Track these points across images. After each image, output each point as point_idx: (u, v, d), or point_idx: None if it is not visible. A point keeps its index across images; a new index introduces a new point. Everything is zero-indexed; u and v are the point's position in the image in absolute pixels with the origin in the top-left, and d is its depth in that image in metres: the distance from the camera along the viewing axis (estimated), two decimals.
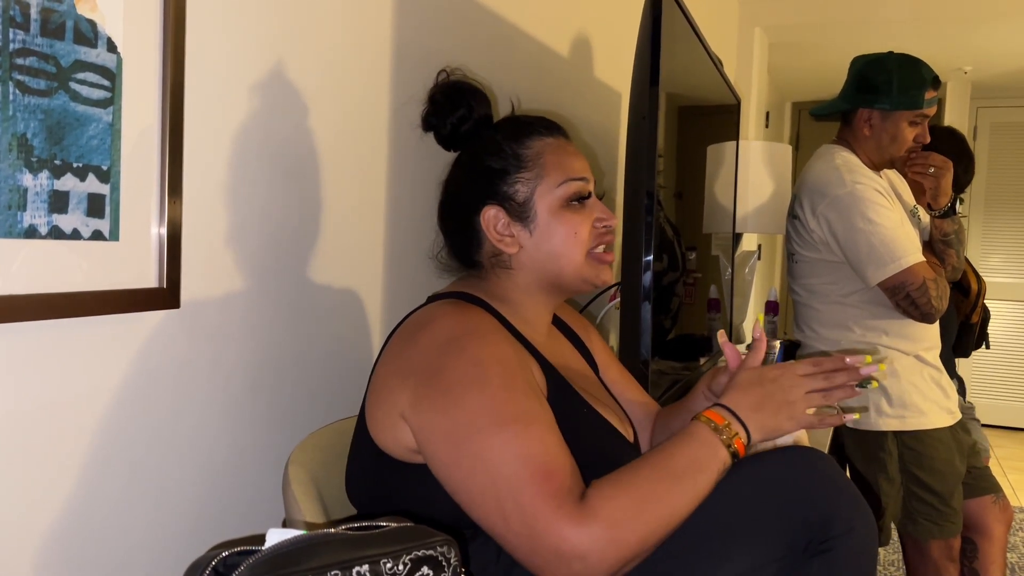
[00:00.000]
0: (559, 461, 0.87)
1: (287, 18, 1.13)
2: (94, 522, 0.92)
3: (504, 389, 0.90)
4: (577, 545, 0.82)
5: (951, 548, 2.04)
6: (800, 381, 1.00)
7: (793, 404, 0.98)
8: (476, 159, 1.09)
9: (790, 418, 0.98)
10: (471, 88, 1.11)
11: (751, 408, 0.97)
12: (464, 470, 0.87)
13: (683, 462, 0.91)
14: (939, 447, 2.02)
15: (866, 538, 0.93)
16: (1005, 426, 5.72)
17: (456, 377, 0.91)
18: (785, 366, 1.01)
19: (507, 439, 0.87)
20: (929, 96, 2.03)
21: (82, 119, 0.85)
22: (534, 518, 0.83)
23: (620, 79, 2.44)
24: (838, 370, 1.01)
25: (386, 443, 0.96)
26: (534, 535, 0.83)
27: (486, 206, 1.06)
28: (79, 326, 0.88)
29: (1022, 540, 3.59)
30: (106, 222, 0.88)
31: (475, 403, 0.89)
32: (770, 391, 0.99)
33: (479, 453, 0.87)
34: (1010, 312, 5.67)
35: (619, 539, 0.83)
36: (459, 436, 0.88)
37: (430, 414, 0.91)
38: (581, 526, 0.82)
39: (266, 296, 1.13)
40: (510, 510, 0.84)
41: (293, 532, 0.67)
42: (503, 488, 0.85)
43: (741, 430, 0.95)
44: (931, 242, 2.12)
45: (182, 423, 1.02)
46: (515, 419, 0.88)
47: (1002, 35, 4.25)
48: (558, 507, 0.83)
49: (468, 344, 0.93)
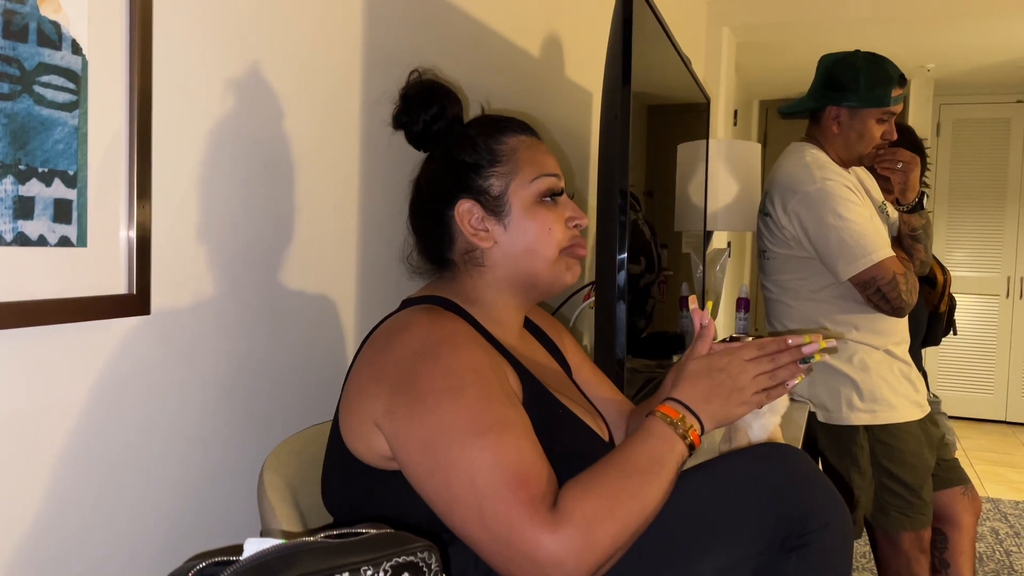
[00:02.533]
0: (535, 468, 0.87)
1: (256, 18, 1.12)
2: (65, 535, 0.90)
3: (479, 398, 0.90)
4: (553, 552, 0.82)
5: (922, 539, 2.07)
6: (747, 367, 1.02)
7: (742, 390, 1.01)
8: (450, 154, 1.09)
9: (740, 403, 1.01)
10: (444, 88, 1.11)
11: (702, 400, 0.99)
12: (440, 479, 0.87)
13: (645, 459, 0.92)
14: (909, 440, 2.05)
15: (842, 533, 0.94)
16: (970, 417, 5.83)
17: (430, 385, 0.90)
18: (731, 352, 1.03)
19: (483, 447, 0.86)
20: (896, 94, 2.05)
21: (47, 123, 0.83)
22: (509, 527, 0.83)
23: (591, 79, 2.45)
24: (781, 351, 1.03)
25: (360, 450, 0.95)
26: (510, 543, 0.83)
27: (460, 200, 1.06)
28: (46, 334, 0.86)
29: (990, 530, 3.66)
30: (73, 228, 0.87)
31: (450, 412, 0.88)
32: (719, 380, 1.01)
33: (454, 462, 0.86)
34: (975, 306, 5.78)
35: (593, 541, 0.83)
36: (434, 445, 0.87)
37: (405, 422, 0.90)
38: (555, 532, 0.82)
39: (238, 301, 1.12)
40: (487, 519, 0.84)
41: (271, 541, 0.66)
42: (479, 497, 0.84)
43: (695, 422, 0.97)
44: (899, 237, 2.15)
45: (154, 432, 1.00)
46: (490, 427, 0.87)
47: (963, 33, 4.33)
48: (533, 514, 0.83)
49: (442, 352, 0.93)
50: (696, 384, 1.01)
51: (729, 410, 1.00)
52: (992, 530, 3.65)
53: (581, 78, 2.39)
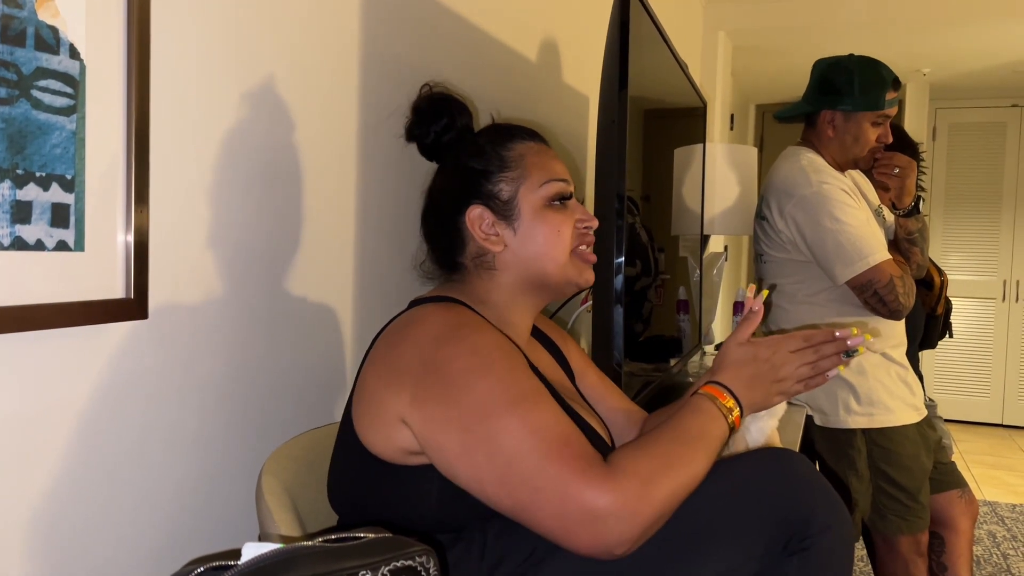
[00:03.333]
0: (575, 431, 0.89)
1: (254, 24, 1.12)
2: (63, 540, 0.90)
3: (507, 371, 0.92)
4: (612, 503, 0.83)
5: (919, 543, 2.07)
6: (791, 358, 1.07)
7: (783, 380, 1.07)
8: (459, 162, 1.11)
9: (779, 393, 1.07)
10: (454, 100, 1.13)
11: (745, 387, 1.05)
12: (482, 454, 0.87)
13: (695, 431, 0.96)
14: (907, 443, 2.05)
15: (843, 536, 0.94)
16: (966, 421, 5.84)
17: (458, 367, 0.91)
18: (776, 343, 1.07)
19: (522, 416, 0.88)
20: (890, 97, 2.06)
21: (45, 127, 0.83)
22: (565, 484, 0.84)
23: (588, 83, 2.45)
24: (828, 341, 1.07)
25: (377, 446, 0.95)
26: (567, 500, 0.84)
27: (471, 206, 1.07)
28: (44, 339, 0.86)
29: (987, 533, 3.66)
30: (71, 232, 0.86)
31: (482, 388, 0.89)
32: (763, 371, 1.06)
33: (496, 434, 0.87)
34: (970, 309, 5.79)
35: (649, 494, 0.85)
36: (471, 422, 0.88)
37: (435, 407, 0.90)
38: (612, 484, 0.84)
39: (236, 305, 1.12)
40: (539, 484, 0.85)
41: (269, 546, 0.65)
42: (527, 464, 0.86)
43: (736, 407, 1.02)
44: (896, 241, 2.15)
45: (152, 436, 1.00)
46: (524, 397, 0.90)
47: (958, 38, 4.34)
48: (587, 468, 0.85)
49: (464, 335, 0.94)
50: (740, 371, 1.06)
51: (769, 399, 1.06)
52: (989, 533, 3.66)
53: (578, 82, 2.40)
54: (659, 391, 1.80)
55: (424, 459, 0.93)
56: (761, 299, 1.14)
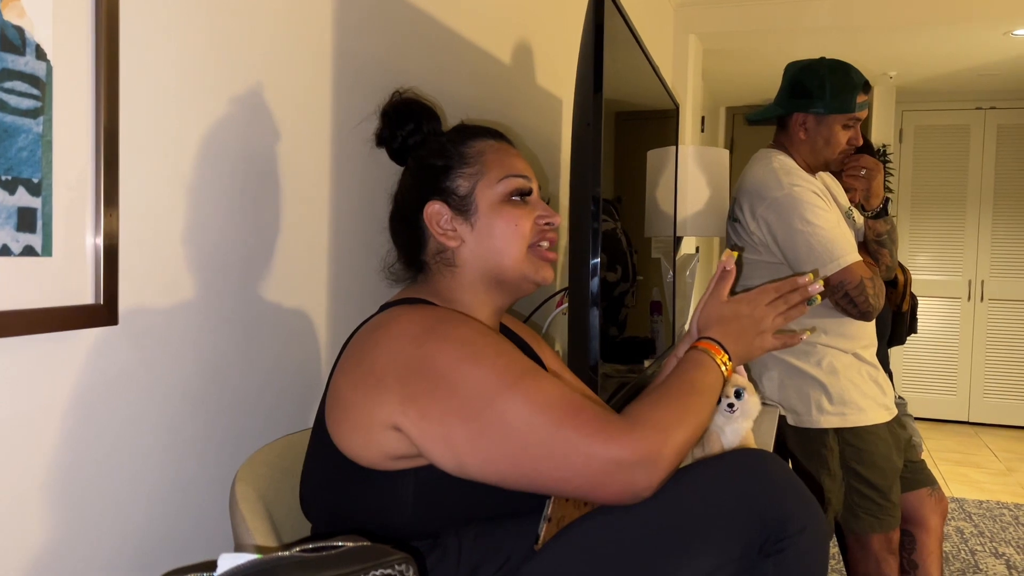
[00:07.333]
0: (580, 396, 0.91)
1: (225, 24, 1.10)
2: (31, 551, 0.88)
3: (499, 354, 0.92)
4: (637, 451, 0.87)
5: (891, 541, 2.10)
6: (767, 310, 1.18)
7: (764, 333, 1.18)
8: (421, 161, 1.11)
9: (761, 346, 1.18)
10: (421, 105, 1.14)
11: (732, 340, 1.15)
12: (492, 440, 0.87)
13: (699, 384, 1.04)
14: (878, 443, 2.07)
15: (818, 537, 0.94)
16: (934, 418, 5.92)
17: (447, 360, 0.90)
18: (754, 297, 1.19)
19: (525, 392, 0.89)
20: (861, 100, 2.08)
21: (10, 130, 0.81)
22: (586, 445, 0.86)
23: (562, 86, 2.45)
24: (793, 290, 1.19)
25: (356, 451, 0.94)
26: (591, 459, 0.86)
27: (429, 201, 1.08)
28: (11, 346, 0.84)
29: (955, 530, 3.71)
30: (38, 237, 0.85)
31: (478, 375, 0.89)
32: (746, 325, 1.17)
33: (502, 417, 0.88)
34: (937, 308, 5.87)
35: (669, 439, 0.90)
36: (474, 410, 0.88)
37: (430, 403, 0.89)
38: (635, 433, 0.88)
39: (208, 310, 1.10)
40: (560, 451, 0.86)
41: (246, 556, 0.64)
42: (542, 436, 0.87)
43: (727, 357, 1.12)
44: (865, 243, 2.18)
45: (123, 445, 0.98)
46: (523, 374, 0.91)
47: (924, 41, 4.41)
48: (605, 425, 0.88)
49: (444, 330, 0.93)
50: (728, 327, 1.16)
51: (752, 350, 1.17)
52: (957, 530, 3.71)
53: (551, 85, 2.40)
54: (633, 392, 1.80)
55: (405, 463, 0.92)
56: (733, 259, 1.24)
